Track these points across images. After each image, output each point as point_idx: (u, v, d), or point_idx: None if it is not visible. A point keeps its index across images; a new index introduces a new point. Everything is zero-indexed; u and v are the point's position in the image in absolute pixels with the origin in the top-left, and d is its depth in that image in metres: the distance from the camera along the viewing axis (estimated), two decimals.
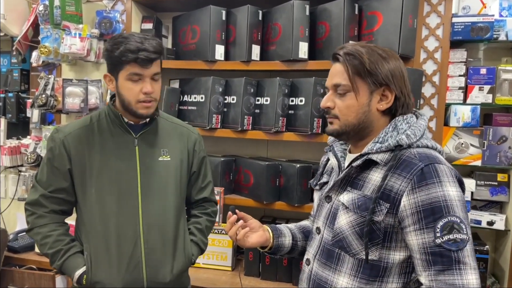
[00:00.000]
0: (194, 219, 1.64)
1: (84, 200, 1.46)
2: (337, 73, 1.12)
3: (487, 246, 1.97)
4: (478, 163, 1.97)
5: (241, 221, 1.25)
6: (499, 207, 2.07)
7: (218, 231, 2.15)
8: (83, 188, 1.46)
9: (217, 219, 2.12)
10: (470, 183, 1.96)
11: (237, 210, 1.25)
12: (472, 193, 1.99)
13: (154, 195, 1.48)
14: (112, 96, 1.52)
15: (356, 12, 1.96)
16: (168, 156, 1.52)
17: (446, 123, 2.01)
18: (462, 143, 1.97)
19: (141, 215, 1.45)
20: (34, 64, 2.42)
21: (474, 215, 2.00)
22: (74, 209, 1.54)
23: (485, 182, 2.01)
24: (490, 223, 1.98)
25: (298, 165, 2.05)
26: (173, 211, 1.51)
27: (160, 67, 1.45)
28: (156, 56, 1.38)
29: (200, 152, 1.63)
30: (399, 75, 1.10)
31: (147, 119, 1.49)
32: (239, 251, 2.31)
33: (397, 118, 1.12)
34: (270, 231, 1.32)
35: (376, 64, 1.08)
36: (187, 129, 1.62)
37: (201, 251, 1.63)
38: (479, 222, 1.99)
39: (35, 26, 2.43)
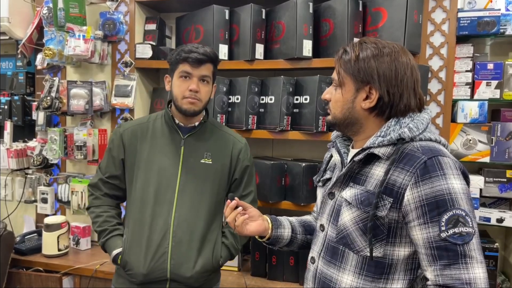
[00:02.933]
0: None
1: (131, 188, 1.62)
2: (335, 68, 1.13)
3: (496, 244, 1.94)
4: (487, 159, 1.93)
5: (240, 208, 1.24)
6: (508, 204, 2.03)
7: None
8: (131, 178, 1.62)
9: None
10: (478, 180, 1.93)
11: (236, 198, 1.25)
12: (480, 190, 1.95)
13: (190, 193, 1.58)
14: (169, 101, 1.67)
15: (360, 9, 1.94)
16: (210, 160, 1.62)
17: (453, 120, 1.98)
18: (470, 140, 1.94)
19: (175, 209, 1.56)
20: (39, 67, 2.43)
21: (483, 212, 1.96)
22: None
23: (494, 179, 1.97)
24: (500, 220, 1.94)
25: (303, 164, 2.03)
26: (206, 211, 1.59)
27: (212, 73, 1.59)
28: (205, 58, 1.53)
29: (244, 160, 1.69)
30: (389, 74, 1.06)
31: (196, 123, 1.62)
32: (245, 251, 2.30)
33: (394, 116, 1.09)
34: (269, 221, 1.30)
35: (362, 61, 1.07)
36: (234, 137, 1.71)
37: (231, 255, 1.68)
38: (488, 219, 1.96)
39: (40, 29, 2.44)
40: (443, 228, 0.95)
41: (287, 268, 2.05)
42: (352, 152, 1.16)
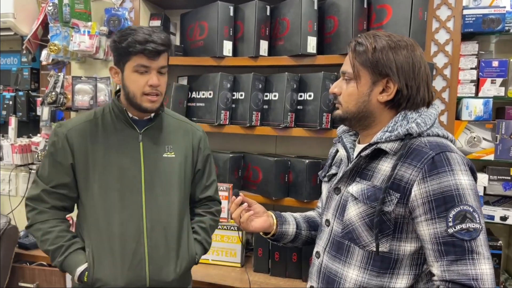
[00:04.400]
0: (198, 218, 1.61)
1: (87, 195, 1.43)
2: (346, 60, 1.12)
3: (500, 242, 1.94)
4: (491, 157, 1.93)
5: (245, 204, 1.24)
6: None
7: (227, 227, 2.15)
8: (86, 184, 1.43)
9: (226, 215, 2.12)
10: (482, 178, 1.93)
11: (241, 194, 1.25)
12: (484, 188, 1.95)
13: (158, 192, 1.45)
14: (117, 92, 1.51)
15: (365, 6, 1.94)
16: (173, 153, 1.50)
17: (458, 117, 1.98)
18: (475, 137, 1.94)
19: (145, 211, 1.43)
20: (44, 63, 2.43)
21: (487, 210, 1.96)
22: (76, 205, 1.51)
23: (498, 177, 1.97)
24: (503, 218, 1.94)
25: (307, 161, 2.03)
26: (177, 208, 1.49)
27: (167, 62, 1.43)
28: (163, 49, 1.36)
29: (205, 149, 1.61)
30: (407, 67, 1.06)
31: (152, 115, 1.48)
32: (248, 248, 2.30)
33: (406, 110, 1.09)
34: (274, 217, 1.31)
35: (380, 54, 1.06)
36: (191, 126, 1.61)
37: (205, 250, 1.61)
38: (492, 217, 1.95)
39: (45, 25, 2.45)
40: (450, 224, 0.95)
41: (290, 265, 2.06)
42: (359, 147, 1.16)
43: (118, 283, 1.39)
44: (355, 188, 1.09)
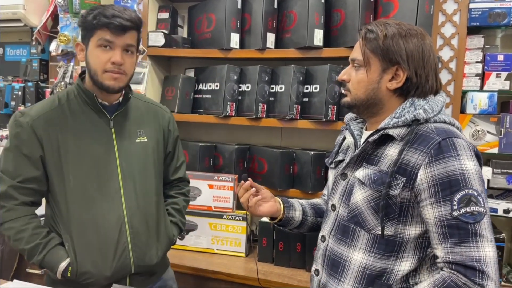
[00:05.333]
0: (171, 200, 1.63)
1: (61, 188, 1.36)
2: (356, 47, 1.14)
3: (503, 234, 1.95)
4: (495, 150, 1.95)
5: (253, 189, 1.27)
6: None
7: (232, 217, 2.17)
8: (59, 176, 1.35)
9: (230, 206, 2.15)
10: (486, 171, 1.94)
11: (249, 179, 1.27)
12: (488, 181, 1.97)
13: (135, 178, 1.43)
14: (82, 73, 1.44)
15: None
16: (145, 137, 1.48)
17: (463, 110, 1.99)
18: (479, 131, 1.96)
19: (124, 199, 1.39)
20: (53, 53, 2.46)
21: (490, 203, 1.97)
22: (45, 200, 1.45)
23: (502, 170, 1.98)
24: (507, 211, 1.95)
25: (312, 153, 2.06)
26: (154, 192, 1.49)
27: (137, 43, 1.38)
28: (129, 24, 1.30)
29: (174, 131, 1.61)
30: (417, 55, 1.08)
31: (120, 99, 1.44)
32: (253, 239, 2.33)
33: (414, 97, 1.11)
34: (281, 203, 1.33)
35: (391, 41, 1.08)
36: (160, 108, 1.59)
37: (180, 230, 1.62)
38: (495, 210, 1.97)
39: (54, 17, 2.48)
40: (455, 207, 0.98)
41: (294, 254, 2.08)
42: (366, 134, 1.19)
43: (105, 274, 1.36)
44: (361, 173, 1.12)
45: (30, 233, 1.34)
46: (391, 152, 1.08)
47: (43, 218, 1.47)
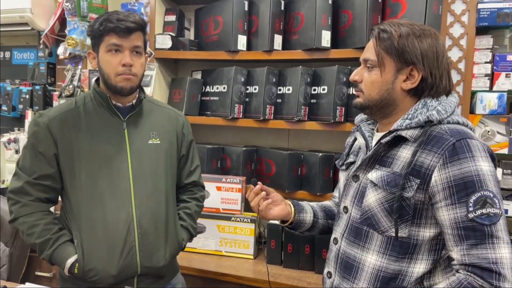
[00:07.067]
0: (183, 204, 1.63)
1: (73, 185, 1.40)
2: (369, 48, 1.13)
3: None
4: (505, 151, 1.93)
5: (263, 193, 1.27)
6: None
7: (240, 219, 2.17)
8: (71, 174, 1.40)
9: (239, 208, 2.15)
10: (497, 172, 1.92)
11: (259, 183, 1.26)
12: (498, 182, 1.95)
13: (146, 179, 1.45)
14: (97, 79, 1.49)
15: (380, 0, 1.95)
16: (158, 139, 1.50)
17: (472, 111, 1.98)
18: (489, 131, 1.94)
19: (133, 199, 1.41)
20: (61, 57, 2.47)
21: None
22: (60, 197, 1.49)
23: None
24: None
25: (320, 154, 2.05)
26: (164, 194, 1.50)
27: (144, 44, 1.43)
28: (134, 26, 1.35)
29: (188, 135, 1.62)
30: (432, 55, 1.07)
31: (133, 101, 1.47)
32: (261, 241, 2.32)
33: (426, 98, 1.10)
34: (292, 206, 1.33)
35: (406, 41, 1.07)
36: (174, 112, 1.62)
37: (191, 236, 1.62)
38: (505, 211, 1.95)
39: (62, 20, 2.48)
40: (471, 209, 0.97)
41: (303, 256, 2.07)
42: (377, 135, 1.18)
43: (112, 272, 1.37)
44: (374, 174, 1.11)
45: (42, 228, 1.38)
46: (404, 153, 1.08)
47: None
